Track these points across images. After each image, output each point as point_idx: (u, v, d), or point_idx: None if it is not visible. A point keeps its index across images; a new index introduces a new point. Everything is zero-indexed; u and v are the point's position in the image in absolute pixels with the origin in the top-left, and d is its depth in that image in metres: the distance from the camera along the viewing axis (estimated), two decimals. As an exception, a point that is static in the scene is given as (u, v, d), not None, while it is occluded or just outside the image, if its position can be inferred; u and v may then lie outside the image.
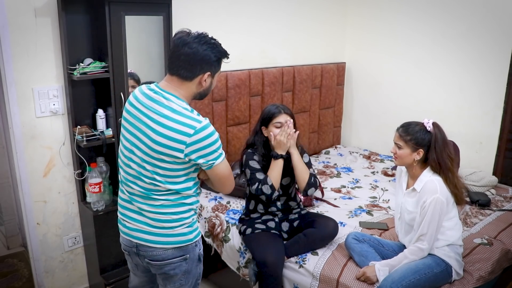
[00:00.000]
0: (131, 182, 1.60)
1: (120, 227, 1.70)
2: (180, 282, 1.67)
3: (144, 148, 1.52)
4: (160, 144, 1.48)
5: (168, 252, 1.61)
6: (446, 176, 1.92)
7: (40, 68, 2.25)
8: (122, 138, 1.61)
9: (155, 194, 1.56)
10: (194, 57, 1.48)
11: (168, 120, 1.47)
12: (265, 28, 3.27)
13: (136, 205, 1.60)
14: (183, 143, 1.46)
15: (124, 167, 1.61)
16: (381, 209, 2.71)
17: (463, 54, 3.25)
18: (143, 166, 1.54)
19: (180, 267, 1.64)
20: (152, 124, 1.49)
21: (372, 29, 3.77)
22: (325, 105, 3.85)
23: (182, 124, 1.46)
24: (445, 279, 1.95)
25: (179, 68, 1.50)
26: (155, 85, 1.55)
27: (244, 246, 2.35)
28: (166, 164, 1.51)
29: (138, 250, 1.64)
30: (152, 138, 1.49)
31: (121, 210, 1.69)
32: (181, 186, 1.57)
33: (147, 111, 1.51)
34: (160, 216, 1.58)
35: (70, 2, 2.19)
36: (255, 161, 2.26)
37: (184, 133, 1.45)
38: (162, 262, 1.62)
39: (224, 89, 3.00)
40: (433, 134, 1.93)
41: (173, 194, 1.57)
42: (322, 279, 2.06)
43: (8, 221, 3.18)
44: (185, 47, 1.47)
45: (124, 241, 1.69)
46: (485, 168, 3.22)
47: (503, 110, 3.12)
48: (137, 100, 1.55)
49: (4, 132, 2.90)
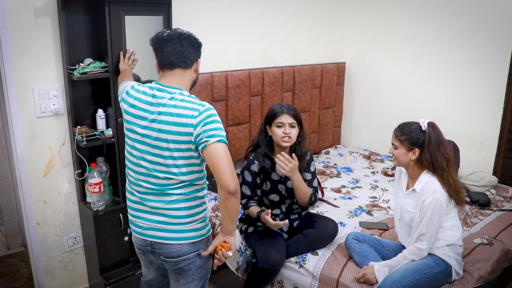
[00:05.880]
0: (142, 181, 1.62)
1: (133, 227, 1.71)
2: (193, 277, 1.70)
3: (158, 144, 1.55)
4: (172, 133, 1.52)
5: (183, 248, 1.62)
6: (441, 177, 1.92)
7: (40, 68, 2.24)
8: (128, 140, 1.64)
9: (169, 189, 1.58)
10: (190, 45, 1.58)
11: (176, 108, 1.53)
12: (265, 28, 3.27)
13: (148, 205, 1.63)
14: (190, 125, 1.51)
15: (134, 167, 1.63)
16: (381, 209, 2.71)
17: (463, 54, 3.25)
18: (157, 161, 1.57)
19: (195, 263, 1.66)
20: (162, 117, 1.53)
21: (372, 29, 3.77)
22: (325, 105, 3.85)
23: (188, 109, 1.52)
24: (445, 279, 1.95)
25: (181, 58, 1.57)
26: (155, 83, 1.60)
27: (244, 245, 2.35)
28: (182, 153, 1.54)
29: (154, 248, 1.66)
30: (164, 130, 1.53)
31: (132, 212, 1.70)
32: (195, 176, 1.60)
33: (155, 108, 1.55)
34: (175, 212, 1.60)
35: (70, 2, 2.19)
36: (250, 172, 2.25)
37: (190, 116, 1.51)
38: (178, 258, 1.63)
39: (224, 89, 3.00)
40: (427, 133, 1.92)
41: (187, 187, 1.60)
42: (322, 279, 2.06)
43: (8, 221, 3.18)
44: (178, 39, 1.56)
45: (138, 240, 1.71)
46: (485, 168, 3.22)
47: (503, 110, 3.12)
48: (140, 101, 1.59)
49: (4, 132, 2.90)
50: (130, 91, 1.63)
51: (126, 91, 1.65)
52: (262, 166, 2.24)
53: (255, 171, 2.25)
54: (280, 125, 2.19)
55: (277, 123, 2.19)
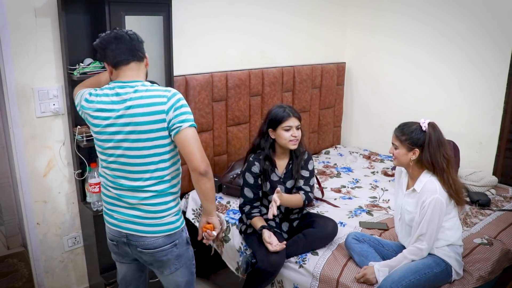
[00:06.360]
0: (119, 178, 1.66)
1: (107, 218, 1.75)
2: (175, 266, 1.76)
3: (136, 136, 1.58)
4: (146, 123, 1.57)
5: (159, 241, 1.68)
6: (441, 177, 1.92)
7: (40, 68, 2.25)
8: (100, 142, 1.67)
9: (144, 186, 1.63)
10: (137, 40, 1.65)
11: (144, 99, 1.57)
12: (265, 28, 3.27)
13: (124, 200, 1.67)
14: (162, 112, 1.56)
15: (111, 165, 1.67)
16: (381, 209, 2.70)
17: (463, 54, 3.25)
18: (137, 155, 1.60)
19: (172, 253, 1.72)
20: (132, 111, 1.57)
21: (372, 29, 3.77)
22: (325, 105, 3.85)
23: (155, 97, 1.58)
24: (445, 279, 1.95)
25: (133, 52, 1.63)
26: (114, 83, 1.64)
27: (244, 245, 2.35)
28: (160, 142, 1.59)
29: (129, 240, 1.70)
30: (137, 122, 1.57)
31: (107, 206, 1.75)
32: (170, 170, 1.66)
33: (121, 105, 1.58)
34: (150, 207, 1.65)
35: (70, 2, 2.19)
36: (251, 174, 2.26)
37: (160, 103, 1.57)
38: (154, 250, 1.69)
39: (224, 89, 3.00)
40: (427, 134, 1.92)
41: (162, 183, 1.65)
42: (322, 279, 2.06)
43: (8, 221, 3.18)
44: (126, 34, 1.62)
45: (112, 231, 1.74)
46: (485, 168, 3.22)
47: (503, 110, 3.12)
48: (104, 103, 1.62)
49: (4, 132, 2.90)
50: (90, 98, 1.66)
51: (85, 98, 1.68)
52: (264, 168, 2.25)
53: (256, 173, 2.26)
54: (288, 129, 2.21)
55: (284, 127, 2.20)
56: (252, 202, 2.28)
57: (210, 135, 2.98)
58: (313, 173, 2.36)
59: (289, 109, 2.24)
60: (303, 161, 2.31)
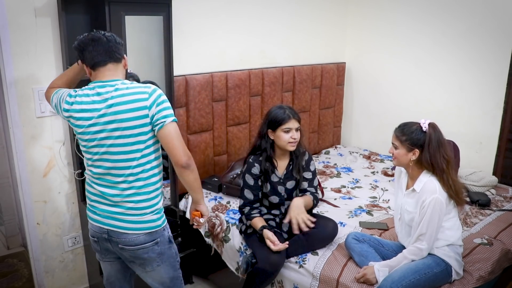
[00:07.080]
0: (103, 175, 1.69)
1: (90, 214, 1.77)
2: (157, 263, 1.78)
3: (121, 133, 1.61)
4: (130, 119, 1.60)
5: (140, 238, 1.71)
6: (440, 178, 1.92)
7: (40, 68, 2.25)
8: (84, 142, 1.69)
9: (127, 182, 1.67)
10: (115, 41, 1.66)
11: (125, 96, 1.60)
12: (265, 28, 3.27)
13: (107, 197, 1.70)
14: (144, 108, 1.60)
15: (95, 163, 1.70)
16: (381, 209, 2.71)
17: (463, 54, 3.25)
18: (122, 151, 1.63)
19: (153, 251, 1.74)
20: (114, 108, 1.60)
21: (372, 29, 3.77)
22: (325, 105, 3.85)
23: (136, 94, 1.61)
24: (445, 279, 1.95)
25: (110, 53, 1.65)
26: (94, 83, 1.66)
27: (244, 245, 2.35)
28: (141, 138, 1.63)
29: (110, 236, 1.72)
30: (121, 119, 1.60)
31: (90, 203, 1.77)
32: (152, 165, 1.69)
33: (102, 104, 1.61)
34: (132, 204, 1.69)
35: (70, 2, 2.19)
36: (251, 175, 2.26)
37: (142, 99, 1.60)
38: (135, 247, 1.71)
39: (224, 89, 3.00)
40: (428, 134, 1.92)
41: (144, 180, 1.68)
42: (322, 279, 2.06)
43: (8, 221, 3.18)
44: (104, 36, 1.64)
45: (94, 227, 1.77)
46: (485, 168, 3.22)
47: (503, 110, 3.12)
48: (85, 103, 1.63)
49: (4, 132, 2.90)
50: (70, 99, 1.67)
51: (65, 100, 1.68)
52: (264, 168, 2.25)
53: (256, 174, 2.26)
54: (287, 131, 2.20)
55: (284, 129, 2.20)
56: (252, 203, 2.28)
57: (210, 135, 2.98)
58: (316, 174, 2.36)
59: (289, 111, 2.23)
60: (304, 162, 2.31)
